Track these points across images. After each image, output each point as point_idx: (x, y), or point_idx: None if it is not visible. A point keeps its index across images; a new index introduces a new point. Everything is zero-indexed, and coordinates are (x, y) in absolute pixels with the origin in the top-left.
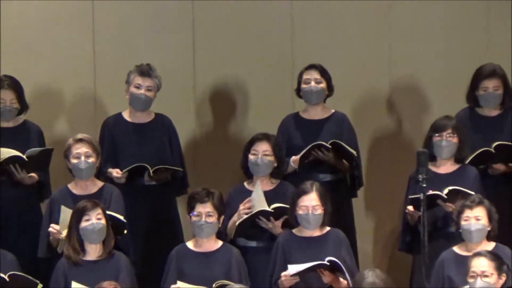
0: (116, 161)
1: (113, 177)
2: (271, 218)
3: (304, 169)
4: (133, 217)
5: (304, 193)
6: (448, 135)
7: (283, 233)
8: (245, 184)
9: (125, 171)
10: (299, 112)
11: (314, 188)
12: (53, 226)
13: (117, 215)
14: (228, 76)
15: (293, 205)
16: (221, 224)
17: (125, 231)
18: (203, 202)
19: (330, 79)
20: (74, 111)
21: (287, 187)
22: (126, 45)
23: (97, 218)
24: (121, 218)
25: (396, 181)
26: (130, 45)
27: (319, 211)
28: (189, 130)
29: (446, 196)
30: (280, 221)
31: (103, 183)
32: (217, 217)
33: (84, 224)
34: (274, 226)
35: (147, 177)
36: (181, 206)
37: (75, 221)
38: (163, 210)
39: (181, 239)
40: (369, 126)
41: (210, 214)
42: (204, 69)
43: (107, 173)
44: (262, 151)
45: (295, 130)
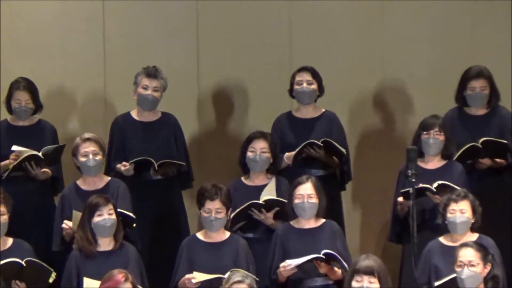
0: (125, 158)
1: (122, 170)
2: (263, 210)
3: (297, 164)
4: (141, 210)
5: (300, 183)
6: (435, 133)
7: (282, 225)
8: (242, 179)
9: (131, 162)
10: (291, 111)
11: (309, 180)
12: (66, 222)
13: (128, 213)
14: (229, 77)
15: (290, 196)
16: (228, 216)
17: (134, 225)
18: (213, 199)
19: (321, 81)
20: (85, 111)
21: (282, 182)
22: (134, 48)
23: (108, 213)
24: (130, 214)
25: (382, 175)
26: (138, 48)
27: (314, 199)
28: (193, 127)
29: (435, 189)
30: (271, 213)
31: (110, 178)
32: (225, 212)
33: (96, 219)
34: (266, 217)
35: (152, 171)
36: (186, 199)
37: (88, 216)
38: (170, 202)
39: (187, 230)
40: (358, 123)
41: (219, 210)
42: (207, 71)
43: (116, 168)
44: (259, 148)
45: (288, 128)
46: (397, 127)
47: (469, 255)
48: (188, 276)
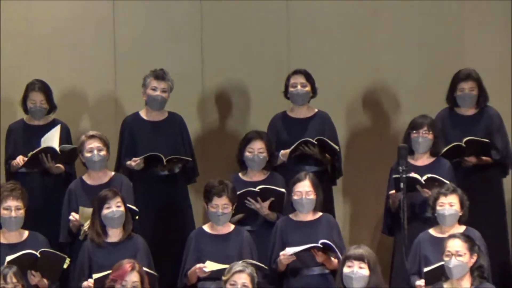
0: (134, 155)
1: (132, 166)
2: (259, 199)
3: (292, 161)
4: (149, 203)
5: (298, 181)
6: (424, 132)
7: (281, 218)
8: (240, 174)
9: (141, 158)
10: (286, 111)
11: (307, 177)
12: (73, 214)
13: (131, 206)
14: (232, 79)
15: (289, 192)
16: (233, 211)
17: (137, 217)
18: (220, 196)
19: (314, 83)
20: (96, 111)
21: (277, 177)
22: (142, 52)
23: (116, 206)
24: (134, 208)
25: (372, 172)
26: (146, 52)
27: (312, 196)
28: (197, 126)
29: (424, 182)
30: (266, 203)
31: (113, 173)
32: (231, 207)
33: (105, 211)
34: (261, 206)
35: (160, 166)
36: (192, 193)
37: (98, 209)
38: (176, 196)
39: (192, 222)
40: (351, 122)
41: (225, 206)
42: (210, 73)
43: (126, 165)
44: (257, 149)
45: (283, 127)
46: (387, 126)
47: (456, 245)
48: (199, 265)
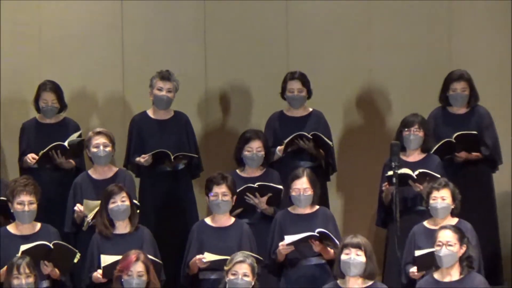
0: (143, 152)
1: (141, 162)
2: (257, 194)
3: (288, 157)
4: (155, 197)
5: (296, 177)
6: (415, 130)
7: (280, 211)
8: (237, 171)
9: (150, 154)
10: (283, 110)
11: (305, 173)
12: (78, 206)
13: (133, 201)
14: (234, 80)
15: (288, 188)
16: (234, 202)
17: (138, 211)
18: (219, 184)
19: (309, 86)
20: (105, 110)
21: (273, 173)
22: (149, 55)
23: (121, 200)
24: (135, 202)
25: (364, 168)
26: (152, 55)
27: (309, 192)
28: (200, 124)
29: (416, 177)
30: (264, 198)
31: (118, 168)
32: (231, 196)
33: (111, 205)
34: (259, 201)
35: (167, 162)
36: (196, 188)
37: (104, 203)
38: (181, 190)
39: (196, 215)
40: (345, 120)
41: (225, 194)
42: (214, 74)
43: (135, 161)
44: (255, 148)
45: (280, 125)
46: (380, 124)
47: (447, 236)
48: (199, 256)
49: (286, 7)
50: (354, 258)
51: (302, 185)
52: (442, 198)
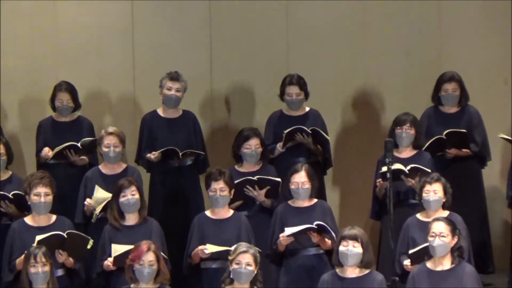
0: (153, 148)
1: (152, 158)
2: (256, 187)
3: (287, 154)
4: (164, 191)
5: (295, 172)
6: (407, 128)
7: (281, 204)
8: (235, 167)
9: (159, 151)
10: (282, 109)
11: (303, 168)
12: (88, 200)
13: None
14: (238, 81)
15: (287, 181)
16: (232, 196)
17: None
18: (217, 180)
19: (306, 88)
20: (117, 109)
21: (269, 167)
22: (158, 57)
23: (131, 194)
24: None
25: (359, 163)
26: (162, 57)
27: (307, 185)
28: (206, 123)
29: (408, 171)
30: (263, 191)
31: (126, 164)
32: (228, 190)
33: (121, 199)
34: (258, 194)
35: (176, 159)
36: (202, 182)
37: (115, 197)
38: (188, 185)
39: (202, 208)
40: (341, 119)
41: (223, 189)
42: (219, 75)
43: (146, 157)
44: (254, 145)
45: (280, 124)
46: (374, 123)
47: (440, 227)
48: (201, 247)
49: (286, 12)
50: (351, 249)
51: (300, 179)
52: (434, 191)
